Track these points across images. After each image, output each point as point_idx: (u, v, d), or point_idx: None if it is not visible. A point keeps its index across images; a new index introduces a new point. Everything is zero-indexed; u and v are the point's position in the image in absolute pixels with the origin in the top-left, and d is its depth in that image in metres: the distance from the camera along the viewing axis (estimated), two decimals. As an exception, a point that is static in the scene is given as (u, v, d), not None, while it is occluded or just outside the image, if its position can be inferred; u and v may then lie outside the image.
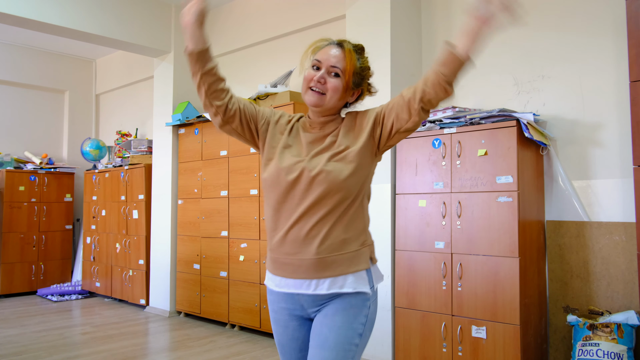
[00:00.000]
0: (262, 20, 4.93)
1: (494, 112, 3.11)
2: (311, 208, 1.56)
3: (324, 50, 1.64)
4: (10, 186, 6.24)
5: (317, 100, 1.61)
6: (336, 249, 1.57)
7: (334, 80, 1.61)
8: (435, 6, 3.85)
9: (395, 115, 1.57)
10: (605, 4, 3.08)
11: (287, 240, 1.59)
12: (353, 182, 1.57)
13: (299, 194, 1.57)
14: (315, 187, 1.55)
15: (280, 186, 1.60)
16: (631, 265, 2.89)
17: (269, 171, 1.64)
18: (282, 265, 1.61)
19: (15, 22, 4.47)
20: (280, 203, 1.61)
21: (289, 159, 1.62)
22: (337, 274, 1.56)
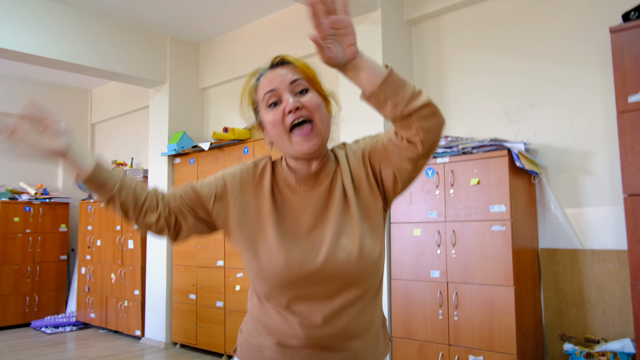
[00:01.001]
0: (258, 51, 5.00)
1: (485, 142, 3.15)
2: (344, 307, 1.16)
3: (266, 80, 1.22)
4: (5, 217, 6.23)
5: (315, 141, 1.16)
6: (374, 343, 1.23)
7: (308, 96, 1.19)
8: (425, 36, 3.93)
9: (396, 168, 1.17)
10: (591, 37, 3.15)
11: (309, 345, 1.17)
12: (382, 261, 1.21)
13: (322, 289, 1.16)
14: (346, 279, 1.15)
15: (293, 283, 1.15)
16: (625, 293, 2.90)
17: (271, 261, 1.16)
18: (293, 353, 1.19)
19: (13, 56, 4.53)
20: (294, 302, 1.17)
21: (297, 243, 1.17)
22: None
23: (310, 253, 1.15)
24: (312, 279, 1.14)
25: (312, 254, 1.15)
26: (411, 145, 1.10)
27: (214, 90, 5.58)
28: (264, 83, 1.22)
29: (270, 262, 1.15)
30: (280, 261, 1.14)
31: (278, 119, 1.17)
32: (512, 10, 3.50)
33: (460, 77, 3.73)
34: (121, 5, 4.73)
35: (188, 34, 5.40)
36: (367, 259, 1.14)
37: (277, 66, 1.24)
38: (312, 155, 1.19)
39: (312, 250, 1.15)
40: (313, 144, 1.15)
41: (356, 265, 1.13)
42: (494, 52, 3.57)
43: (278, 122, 1.16)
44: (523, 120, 3.40)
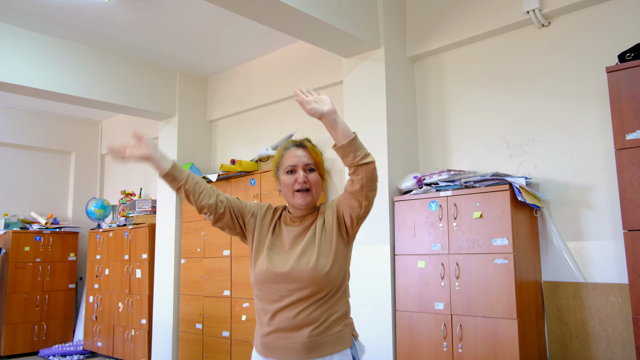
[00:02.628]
0: (264, 85, 5.14)
1: (487, 176, 3.22)
2: (300, 299, 1.75)
3: (291, 155, 1.87)
4: (16, 247, 6.32)
5: (308, 199, 1.84)
6: (323, 332, 1.75)
7: (313, 175, 1.86)
8: (428, 72, 4.04)
9: (350, 206, 1.79)
10: (590, 75, 3.24)
11: (279, 326, 1.76)
12: (335, 274, 1.79)
13: (287, 287, 1.76)
14: (302, 281, 1.75)
15: (271, 282, 1.78)
16: (628, 327, 2.93)
17: (260, 268, 1.81)
18: (273, 349, 1.77)
19: (28, 92, 4.69)
20: (271, 294, 1.79)
21: (276, 257, 1.81)
22: (325, 355, 1.75)
23: (283, 262, 1.78)
24: (282, 279, 1.76)
25: (284, 263, 1.78)
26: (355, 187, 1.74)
27: (222, 122, 5.70)
28: (288, 156, 1.88)
29: (258, 268, 1.81)
30: (264, 266, 1.80)
31: (291, 183, 1.85)
32: (512, 49, 3.60)
33: (462, 112, 3.82)
34: (132, 41, 4.90)
35: (197, 68, 5.55)
36: (319, 270, 1.75)
37: (299, 146, 1.89)
38: (304, 208, 1.87)
39: (285, 261, 1.78)
40: (305, 201, 1.85)
41: (310, 273, 1.74)
42: (495, 88, 3.67)
43: (290, 185, 1.85)
44: (524, 154, 3.47)
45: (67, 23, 4.53)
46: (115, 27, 4.63)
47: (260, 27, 4.47)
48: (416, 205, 3.50)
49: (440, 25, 3.86)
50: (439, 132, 3.93)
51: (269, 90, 5.08)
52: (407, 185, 3.64)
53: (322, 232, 1.82)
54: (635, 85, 2.70)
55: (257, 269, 1.81)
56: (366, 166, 1.70)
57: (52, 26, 4.57)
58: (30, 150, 7.11)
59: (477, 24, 3.66)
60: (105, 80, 5.05)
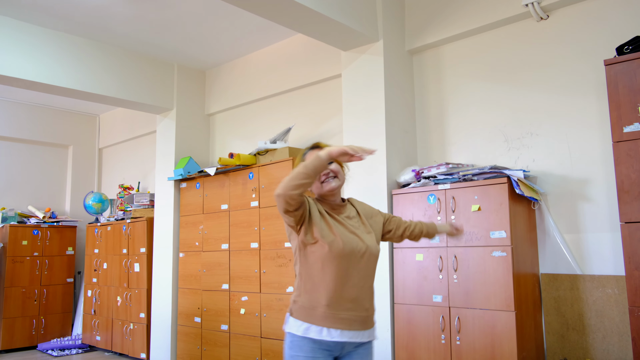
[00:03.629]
0: (262, 79, 5.13)
1: (485, 169, 3.23)
2: (366, 275, 2.07)
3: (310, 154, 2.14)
4: (14, 241, 6.32)
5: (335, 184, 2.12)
6: (373, 307, 2.13)
7: (333, 166, 2.12)
8: (426, 66, 4.04)
9: (395, 228, 2.29)
10: (588, 68, 3.25)
11: (347, 299, 2.01)
12: None
13: (360, 263, 2.05)
14: (369, 259, 2.08)
15: (347, 256, 2.02)
16: (625, 318, 2.95)
17: (337, 245, 2.01)
18: (341, 320, 2.01)
19: (24, 85, 4.67)
20: (343, 269, 2.02)
21: (348, 235, 2.06)
22: (372, 327, 2.11)
23: (357, 243, 2.05)
24: (359, 256, 2.04)
25: (358, 244, 2.05)
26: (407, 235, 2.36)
27: (220, 116, 5.70)
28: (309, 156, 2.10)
29: (337, 246, 2.01)
30: (340, 243, 2.02)
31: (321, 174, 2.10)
32: (511, 42, 3.61)
33: (460, 105, 3.83)
34: (129, 34, 4.88)
35: (194, 61, 5.54)
36: (378, 249, 2.14)
37: (314, 148, 2.15)
38: (333, 192, 2.14)
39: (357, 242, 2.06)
40: (335, 185, 2.13)
41: (375, 251, 2.11)
42: (493, 81, 3.67)
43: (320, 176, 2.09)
44: (522, 147, 3.48)
45: (64, 15, 4.51)
46: (112, 20, 4.61)
47: (259, 20, 4.46)
48: (414, 198, 3.51)
49: (439, 18, 3.85)
50: (437, 125, 3.94)
51: (267, 84, 5.08)
52: (406, 178, 3.65)
53: (367, 222, 2.18)
54: (633, 78, 2.71)
55: (335, 246, 2.00)
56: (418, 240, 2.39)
57: (48, 18, 4.55)
58: (28, 144, 7.10)
59: (475, 17, 3.66)
60: (102, 73, 5.04)
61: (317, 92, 4.74)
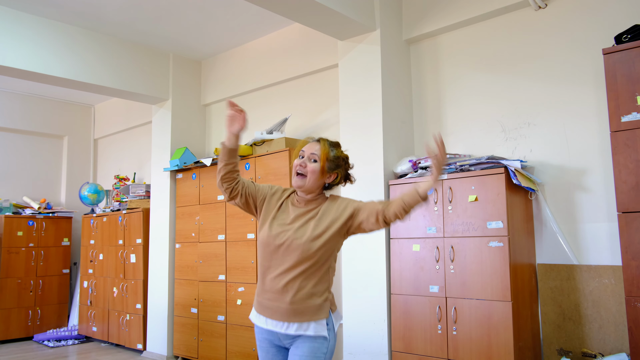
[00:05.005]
0: (259, 69, 5.09)
1: (482, 159, 3.22)
2: (289, 267, 2.04)
3: (308, 146, 2.16)
4: (9, 232, 6.29)
5: (300, 182, 2.11)
6: (304, 301, 2.04)
7: (313, 164, 2.11)
8: (423, 55, 4.01)
9: (366, 217, 2.06)
10: (586, 57, 3.23)
11: (269, 289, 2.07)
12: (322, 254, 2.06)
13: (281, 255, 2.06)
14: (294, 252, 2.03)
15: (269, 247, 2.09)
16: (621, 308, 2.95)
17: (262, 235, 2.12)
18: (264, 308, 2.10)
19: (18, 74, 4.63)
20: (267, 260, 2.10)
21: (276, 228, 2.10)
22: (303, 321, 2.04)
23: (282, 234, 2.07)
24: (278, 247, 2.06)
25: (282, 234, 2.07)
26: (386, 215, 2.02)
27: (216, 106, 5.66)
28: (306, 147, 2.16)
29: (261, 234, 2.13)
30: (265, 234, 2.10)
31: (295, 165, 2.14)
32: (509, 31, 3.58)
33: (458, 96, 3.80)
34: (124, 23, 4.83)
35: (190, 51, 5.50)
36: (309, 246, 2.02)
37: (316, 141, 2.17)
38: (297, 188, 2.14)
39: (283, 233, 2.07)
40: (297, 183, 2.13)
41: (301, 246, 2.02)
42: (490, 71, 3.65)
43: (294, 167, 2.14)
44: (520, 137, 3.47)
45: (57, 3, 4.45)
46: (107, 9, 4.56)
47: (255, 9, 4.42)
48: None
49: (437, 7, 3.82)
50: (434, 115, 3.92)
51: (263, 74, 5.04)
52: (403, 169, 3.63)
53: (323, 217, 2.09)
54: (631, 67, 2.69)
55: (260, 236, 2.12)
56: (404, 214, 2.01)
57: (42, 7, 4.50)
58: (22, 134, 7.05)
59: (473, 6, 3.63)
60: (97, 62, 4.99)
61: (314, 82, 4.71)
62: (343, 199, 2.18)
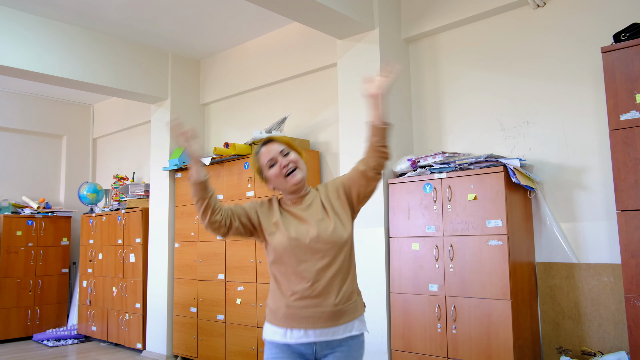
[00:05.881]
0: (257, 68, 5.09)
1: (481, 158, 3.22)
2: (325, 266, 1.88)
3: (264, 154, 2.00)
4: (8, 231, 6.29)
5: (298, 176, 1.97)
6: (346, 300, 1.91)
7: (291, 156, 1.99)
8: (422, 54, 4.01)
9: (358, 184, 1.96)
10: (584, 56, 3.23)
11: (306, 296, 1.87)
12: (350, 241, 1.96)
13: (311, 254, 1.88)
14: (325, 247, 1.88)
15: (296, 250, 1.89)
16: (620, 307, 2.95)
17: (280, 240, 1.91)
18: (301, 319, 1.87)
19: (17, 74, 4.62)
20: (294, 264, 1.89)
21: (294, 228, 1.92)
22: (348, 321, 1.91)
23: (305, 232, 1.90)
24: (307, 246, 1.88)
25: (305, 232, 1.90)
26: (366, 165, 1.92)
27: (215, 106, 5.66)
28: (263, 156, 2.00)
29: (279, 241, 1.91)
30: (284, 237, 1.90)
31: (278, 172, 1.97)
32: (507, 30, 3.58)
33: (456, 94, 3.80)
34: (123, 22, 4.83)
35: (189, 50, 5.49)
36: (338, 234, 1.90)
37: (265, 144, 2.02)
38: (299, 185, 1.98)
39: (306, 231, 1.90)
40: (299, 177, 1.97)
41: (332, 237, 1.88)
42: (489, 70, 3.65)
43: (278, 174, 1.97)
44: (518, 136, 3.47)
45: (56, 3, 4.45)
46: (106, 8, 4.55)
47: (254, 8, 4.41)
48: (410, 187, 3.50)
49: (436, 6, 3.82)
50: (433, 114, 3.92)
51: (262, 73, 5.04)
52: (402, 167, 3.63)
53: (329, 206, 1.97)
54: (630, 65, 2.69)
55: (277, 242, 1.90)
56: (382, 153, 1.90)
57: (40, 6, 4.49)
58: (21, 134, 7.04)
59: (472, 5, 3.63)
60: (95, 62, 4.99)
61: (313, 81, 4.70)
62: (329, 182, 2.08)
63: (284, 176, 1.95)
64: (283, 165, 1.95)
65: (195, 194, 1.87)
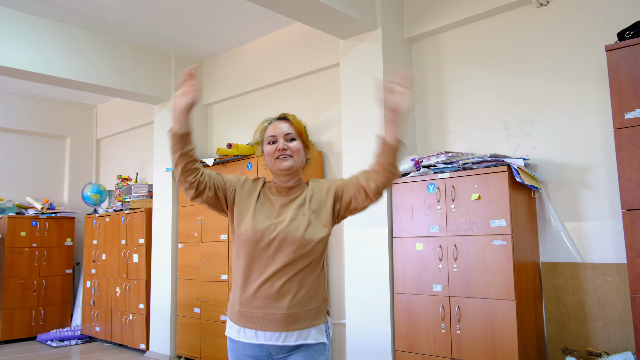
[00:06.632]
0: (260, 68, 5.08)
1: (485, 157, 3.20)
2: (284, 267, 1.74)
3: (272, 127, 1.89)
4: (12, 232, 6.30)
5: (288, 163, 1.83)
6: (303, 305, 1.77)
7: (294, 143, 1.86)
8: (425, 53, 4.00)
9: (354, 195, 1.80)
10: (588, 54, 3.21)
11: (259, 296, 1.75)
12: (320, 246, 1.81)
13: (273, 253, 1.75)
14: (289, 247, 1.75)
15: (257, 245, 1.76)
16: (626, 307, 2.93)
17: (244, 230, 1.78)
18: (252, 319, 1.76)
19: (21, 75, 4.63)
20: (253, 260, 1.77)
21: (262, 221, 1.79)
22: (303, 328, 1.77)
23: (272, 227, 1.77)
24: (270, 243, 1.75)
25: (273, 228, 1.76)
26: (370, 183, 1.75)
27: (218, 106, 5.66)
28: (270, 128, 1.89)
29: (244, 230, 1.78)
30: (249, 227, 1.77)
31: (272, 151, 1.85)
32: (511, 29, 3.56)
33: (460, 94, 3.79)
34: (126, 23, 4.83)
35: (192, 51, 5.49)
36: (309, 235, 1.76)
37: (280, 119, 1.90)
38: (286, 172, 1.85)
39: (274, 226, 1.77)
40: (287, 164, 1.83)
41: (301, 237, 1.74)
42: (492, 69, 3.63)
43: (271, 153, 1.86)
44: (522, 135, 3.45)
45: (59, 4, 4.45)
46: (108, 9, 4.56)
47: (256, 8, 4.41)
48: (414, 187, 3.49)
49: (438, 5, 3.81)
50: (436, 113, 3.91)
51: (265, 73, 5.03)
52: (405, 167, 3.62)
53: (312, 204, 1.84)
54: (634, 63, 2.67)
55: (241, 232, 1.77)
56: (390, 174, 1.73)
57: (44, 7, 4.50)
58: (25, 135, 7.06)
59: (475, 4, 3.62)
60: (98, 63, 4.99)
61: (316, 82, 4.69)
62: (323, 180, 1.93)
63: (274, 158, 1.84)
64: (279, 148, 1.83)
65: (171, 145, 1.74)
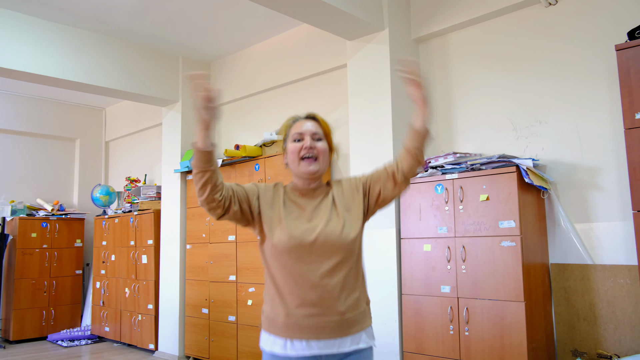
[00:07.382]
0: (267, 69, 5.09)
1: (493, 158, 3.18)
2: (330, 271, 1.66)
3: (299, 124, 1.80)
4: (23, 233, 6.35)
5: (314, 167, 1.75)
6: (354, 308, 1.70)
7: (320, 144, 1.79)
8: (432, 54, 3.98)
9: (382, 185, 1.78)
10: (598, 54, 3.18)
11: (309, 303, 1.65)
12: (358, 244, 1.76)
13: (317, 256, 1.67)
14: (330, 250, 1.67)
15: (295, 251, 1.66)
16: (637, 309, 2.90)
17: (279, 238, 1.67)
18: (304, 328, 1.65)
19: (32, 79, 4.69)
20: (295, 268, 1.66)
21: (296, 227, 1.69)
22: (356, 332, 1.70)
23: (309, 232, 1.68)
24: (310, 249, 1.66)
25: (309, 232, 1.68)
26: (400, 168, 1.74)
27: (226, 108, 5.66)
28: (297, 126, 1.80)
29: (279, 238, 1.68)
30: (285, 236, 1.67)
31: (297, 150, 1.76)
32: (519, 29, 3.54)
33: (468, 94, 3.77)
34: (134, 27, 4.85)
35: (199, 53, 5.51)
36: (347, 235, 1.70)
37: (307, 118, 1.83)
38: (311, 176, 1.77)
39: (309, 230, 1.68)
40: (312, 169, 1.75)
41: (340, 238, 1.68)
42: (501, 69, 3.61)
43: (296, 152, 1.76)
44: (531, 136, 3.43)
45: (68, 8, 4.48)
46: (117, 12, 4.58)
47: (263, 10, 4.41)
48: (422, 188, 3.47)
49: (446, 5, 3.79)
50: (444, 114, 3.89)
51: (272, 75, 5.04)
52: (413, 168, 3.60)
53: (341, 202, 1.78)
54: (645, 63, 2.64)
55: (277, 238, 1.67)
56: (416, 159, 1.74)
57: (53, 11, 4.53)
58: (35, 137, 7.13)
59: (483, 4, 3.60)
60: (107, 66, 5.03)
61: (323, 83, 4.69)
62: (347, 179, 1.87)
63: (299, 158, 1.75)
64: (306, 147, 1.74)
65: (197, 164, 1.59)
